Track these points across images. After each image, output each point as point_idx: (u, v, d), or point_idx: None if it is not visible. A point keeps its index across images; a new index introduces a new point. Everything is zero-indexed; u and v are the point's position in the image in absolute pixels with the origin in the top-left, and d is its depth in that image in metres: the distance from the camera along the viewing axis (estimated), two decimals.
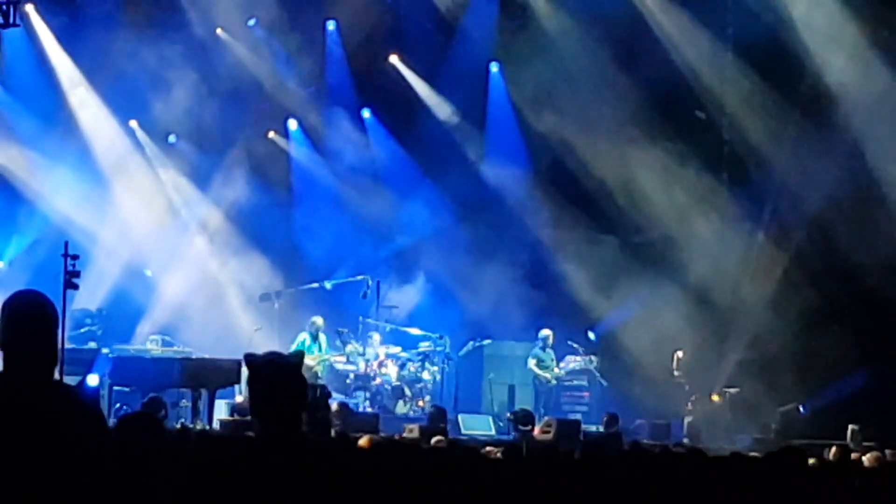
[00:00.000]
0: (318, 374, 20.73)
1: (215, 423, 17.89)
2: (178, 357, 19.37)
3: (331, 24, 24.61)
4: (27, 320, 4.58)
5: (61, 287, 16.82)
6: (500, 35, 23.87)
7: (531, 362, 22.18)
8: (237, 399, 18.72)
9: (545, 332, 22.28)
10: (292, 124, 25.24)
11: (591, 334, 22.96)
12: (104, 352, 19.33)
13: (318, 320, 21.32)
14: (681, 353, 21.41)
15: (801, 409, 20.33)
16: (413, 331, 22.53)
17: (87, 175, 23.38)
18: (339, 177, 24.97)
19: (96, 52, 22.69)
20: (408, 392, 21.48)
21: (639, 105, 22.15)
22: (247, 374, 4.89)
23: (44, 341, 4.57)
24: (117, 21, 22.68)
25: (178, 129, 24.21)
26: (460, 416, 19.86)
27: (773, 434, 19.40)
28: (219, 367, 18.58)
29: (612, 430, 18.20)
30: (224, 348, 20.01)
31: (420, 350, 22.17)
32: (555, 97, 22.86)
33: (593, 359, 22.48)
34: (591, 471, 8.36)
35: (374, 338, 21.94)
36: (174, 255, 23.96)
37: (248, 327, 22.59)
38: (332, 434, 14.22)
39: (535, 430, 18.54)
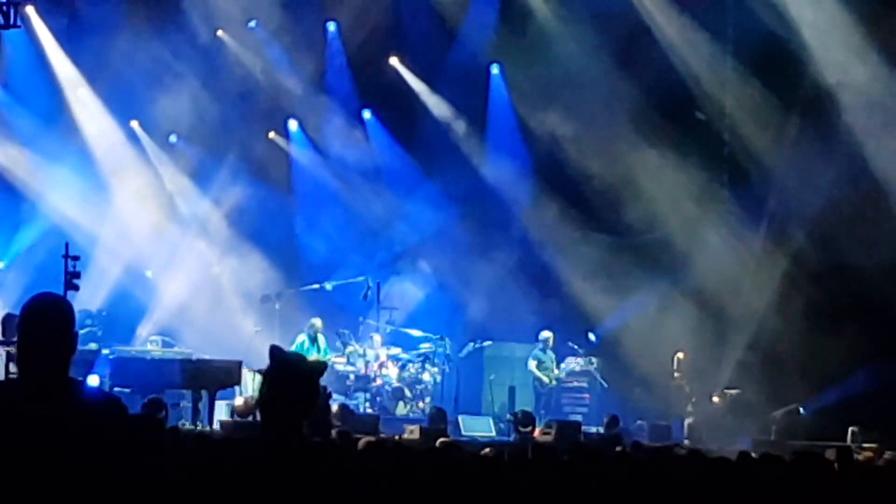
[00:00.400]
0: None
1: (215, 425, 17.89)
2: (179, 358, 19.34)
3: (331, 26, 24.63)
4: (42, 323, 4.58)
5: (62, 288, 16.85)
6: (499, 37, 23.87)
7: (531, 364, 22.16)
8: (237, 401, 18.70)
9: (545, 333, 22.27)
10: (293, 125, 25.24)
11: (591, 336, 22.96)
12: (104, 353, 19.29)
13: (316, 322, 21.29)
14: (681, 354, 21.41)
15: (801, 410, 20.31)
16: (413, 332, 22.51)
17: (87, 176, 23.40)
18: (340, 177, 24.98)
19: (96, 53, 22.69)
20: (408, 393, 21.47)
21: (639, 106, 22.17)
22: (263, 369, 4.85)
23: (58, 343, 4.56)
24: (118, 22, 22.66)
25: (179, 129, 24.21)
26: (461, 418, 19.83)
27: (773, 435, 19.39)
28: (219, 369, 18.59)
29: (613, 432, 18.19)
30: (224, 349, 20.02)
31: (420, 351, 22.16)
32: (555, 98, 22.87)
33: (594, 360, 22.48)
34: (591, 472, 8.36)
35: (375, 339, 21.93)
36: (174, 256, 23.96)
37: (248, 328, 22.58)
38: (332, 435, 14.20)
39: (536, 432, 18.55)
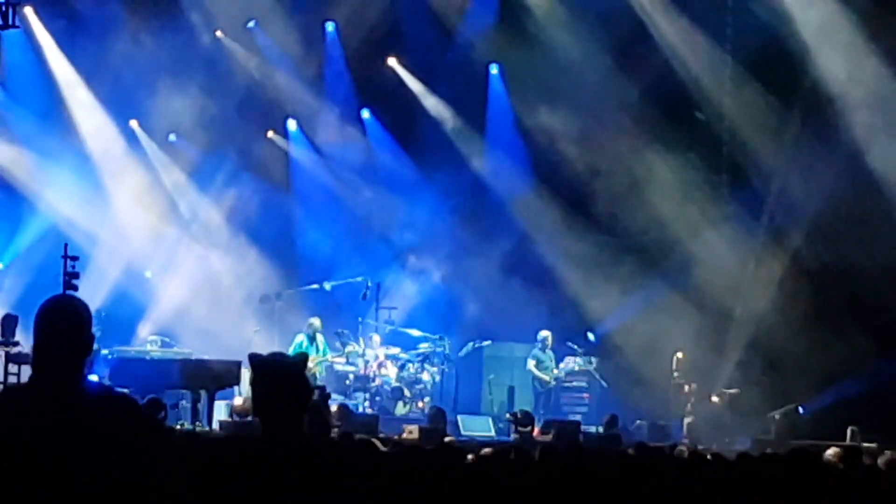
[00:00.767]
0: (318, 375, 20.72)
1: (215, 425, 17.89)
2: (178, 358, 19.35)
3: (330, 26, 24.62)
4: (58, 325, 4.58)
5: (61, 288, 16.84)
6: (498, 37, 23.86)
7: (530, 363, 22.16)
8: (236, 401, 18.69)
9: (544, 333, 22.26)
10: (292, 125, 25.24)
11: (590, 335, 22.96)
12: (104, 353, 19.30)
13: (315, 322, 21.28)
14: (680, 354, 21.41)
15: (801, 410, 20.31)
16: (412, 332, 22.50)
17: (86, 176, 23.40)
18: (339, 177, 24.98)
19: (95, 53, 22.70)
20: (407, 393, 21.47)
21: (638, 107, 22.18)
22: (250, 374, 4.88)
23: (74, 345, 4.57)
24: (117, 22, 22.68)
25: (178, 129, 24.21)
26: (460, 418, 19.83)
27: (772, 435, 19.39)
28: (218, 369, 18.57)
29: (612, 432, 18.19)
30: (224, 350, 19.99)
31: (420, 351, 22.15)
32: (554, 98, 22.86)
33: (593, 360, 22.48)
34: (591, 472, 8.36)
35: (375, 339, 21.93)
36: (173, 257, 23.96)
37: (247, 328, 22.57)
38: (332, 435, 14.20)
39: (535, 432, 18.54)
